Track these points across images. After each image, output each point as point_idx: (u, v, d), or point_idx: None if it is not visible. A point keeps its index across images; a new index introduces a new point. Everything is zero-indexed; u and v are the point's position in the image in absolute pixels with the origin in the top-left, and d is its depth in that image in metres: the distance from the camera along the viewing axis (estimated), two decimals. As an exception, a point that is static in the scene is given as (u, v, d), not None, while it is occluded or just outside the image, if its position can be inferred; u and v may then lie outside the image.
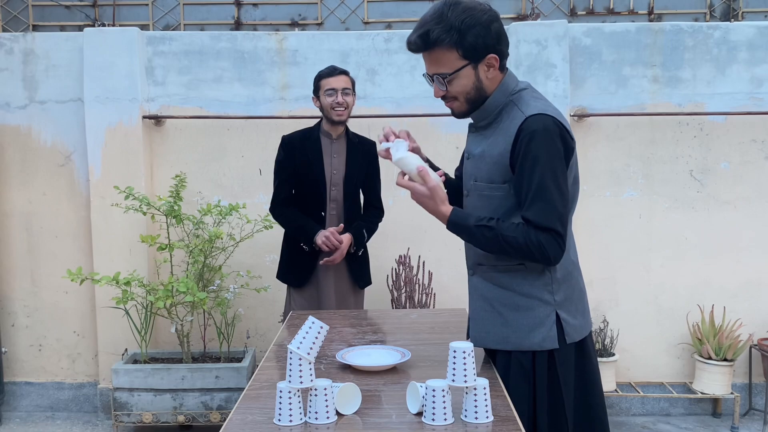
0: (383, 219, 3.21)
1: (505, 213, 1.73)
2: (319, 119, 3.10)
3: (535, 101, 1.72)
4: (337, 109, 2.94)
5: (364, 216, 3.14)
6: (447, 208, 1.74)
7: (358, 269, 3.14)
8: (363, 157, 3.10)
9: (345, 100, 2.95)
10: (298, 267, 3.09)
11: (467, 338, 1.91)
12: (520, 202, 1.69)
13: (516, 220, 1.70)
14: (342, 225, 2.98)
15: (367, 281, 3.22)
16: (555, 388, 1.74)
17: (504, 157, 1.70)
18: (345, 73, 3.00)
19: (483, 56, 1.69)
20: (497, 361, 1.80)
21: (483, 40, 1.67)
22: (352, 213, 3.09)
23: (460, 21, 1.64)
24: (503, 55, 1.73)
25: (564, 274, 1.76)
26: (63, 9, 4.45)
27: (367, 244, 3.16)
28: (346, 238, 2.99)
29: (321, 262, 2.98)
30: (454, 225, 1.74)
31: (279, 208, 3.10)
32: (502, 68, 1.75)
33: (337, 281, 3.08)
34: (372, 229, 3.13)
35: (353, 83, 3.03)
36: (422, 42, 1.69)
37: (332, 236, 2.92)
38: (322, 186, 3.02)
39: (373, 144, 3.18)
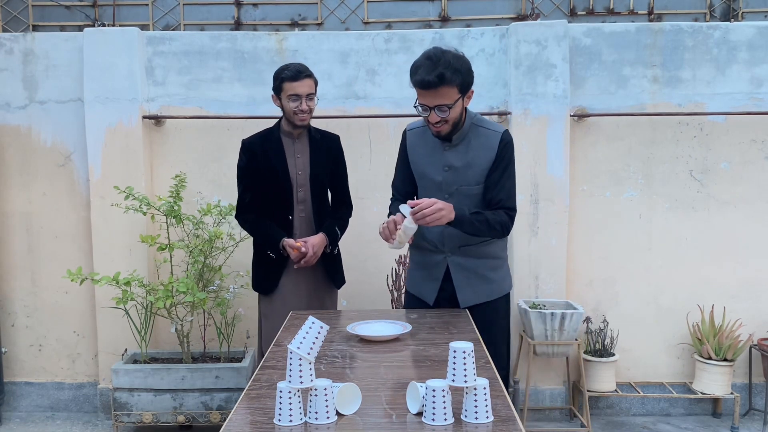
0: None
1: (480, 203, 2.39)
2: (278, 119, 3.00)
3: (490, 122, 2.45)
4: (300, 114, 2.84)
5: (335, 213, 3.03)
6: (452, 209, 2.26)
7: (332, 269, 3.04)
8: (327, 154, 2.98)
9: (309, 105, 2.85)
10: (266, 274, 2.98)
11: (454, 300, 2.49)
12: (490, 187, 2.36)
13: (482, 207, 2.38)
14: (301, 241, 2.84)
15: (342, 280, 3.13)
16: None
17: (490, 163, 2.36)
18: (310, 75, 2.86)
19: (467, 90, 2.29)
20: (480, 311, 2.43)
21: (470, 79, 2.27)
22: (322, 213, 2.98)
23: (460, 65, 2.21)
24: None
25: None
26: (63, 9, 4.45)
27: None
28: (319, 238, 2.88)
29: (296, 265, 2.86)
30: (459, 218, 2.26)
31: (243, 215, 2.99)
32: None
33: (308, 285, 2.96)
34: (344, 227, 3.04)
35: (316, 84, 2.92)
36: (439, 80, 2.18)
37: (288, 247, 2.83)
38: (288, 189, 2.91)
39: (336, 138, 3.06)
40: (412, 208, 2.19)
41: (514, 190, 2.42)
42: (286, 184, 2.91)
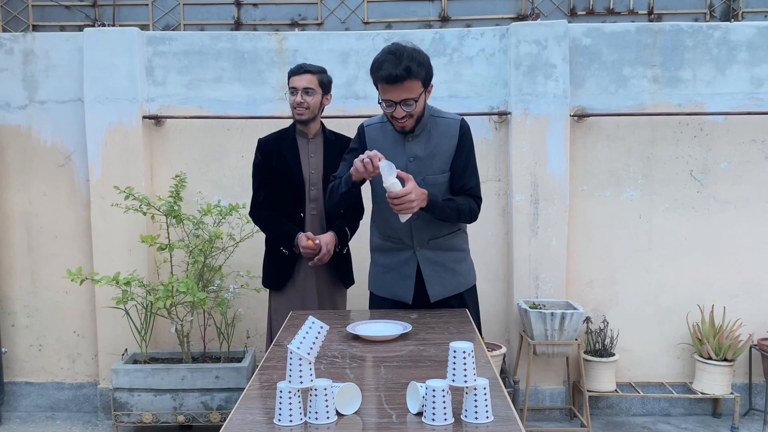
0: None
1: (446, 191, 2.44)
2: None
3: (446, 112, 2.50)
4: (297, 108, 2.91)
5: (346, 214, 3.04)
6: (425, 198, 2.30)
7: (343, 268, 3.10)
8: (340, 155, 2.98)
9: (305, 99, 2.89)
10: (278, 270, 3.03)
11: (422, 295, 2.50)
12: (457, 175, 2.43)
13: (448, 195, 2.43)
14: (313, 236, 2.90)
15: (352, 280, 3.17)
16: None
17: (452, 150, 2.41)
18: (311, 71, 2.92)
19: (428, 84, 2.33)
20: (450, 305, 2.52)
21: (432, 72, 2.31)
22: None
23: (422, 58, 2.25)
24: None
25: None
26: (63, 9, 4.45)
27: (354, 243, 3.13)
28: (330, 236, 2.92)
29: (310, 263, 2.91)
30: (432, 203, 2.31)
31: (258, 212, 3.05)
32: None
33: (319, 282, 3.02)
34: (354, 227, 3.07)
35: (322, 82, 2.94)
36: (406, 74, 2.19)
37: (306, 245, 2.86)
38: (300, 186, 2.97)
39: (349, 141, 3.08)
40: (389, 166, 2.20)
41: (479, 179, 2.52)
42: (299, 182, 2.98)
